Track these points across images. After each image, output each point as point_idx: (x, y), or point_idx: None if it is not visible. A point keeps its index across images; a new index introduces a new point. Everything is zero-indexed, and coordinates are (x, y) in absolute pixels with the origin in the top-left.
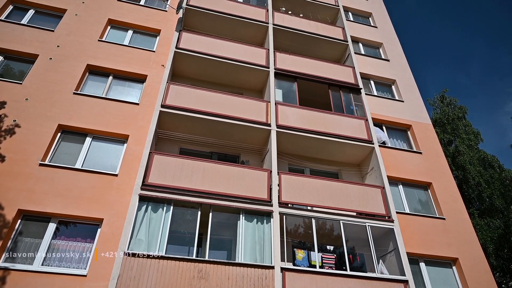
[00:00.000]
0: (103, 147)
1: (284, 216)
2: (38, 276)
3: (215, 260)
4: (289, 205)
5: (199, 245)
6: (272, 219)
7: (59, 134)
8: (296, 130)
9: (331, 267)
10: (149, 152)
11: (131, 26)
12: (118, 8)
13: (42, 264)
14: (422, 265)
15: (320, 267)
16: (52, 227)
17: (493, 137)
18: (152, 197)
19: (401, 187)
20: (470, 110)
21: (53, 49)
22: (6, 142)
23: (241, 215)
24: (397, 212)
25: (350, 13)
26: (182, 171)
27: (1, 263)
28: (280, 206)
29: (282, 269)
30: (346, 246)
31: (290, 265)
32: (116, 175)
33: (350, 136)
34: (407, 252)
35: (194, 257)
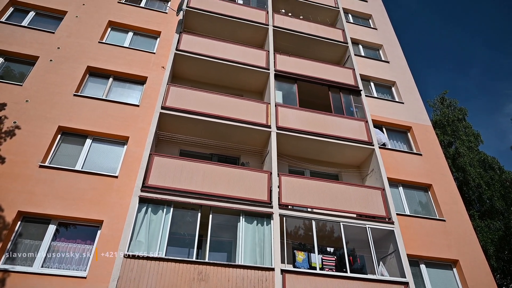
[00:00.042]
0: (103, 149)
1: (284, 218)
2: (38, 278)
3: (215, 262)
4: (289, 207)
5: (199, 247)
6: (272, 221)
7: (59, 136)
8: (296, 132)
9: (331, 269)
10: (149, 154)
11: (132, 28)
12: (119, 10)
13: (42, 266)
14: (423, 267)
15: (320, 269)
16: (52, 229)
17: (493, 139)
18: (152, 199)
19: (401, 189)
20: (470, 112)
21: (54, 51)
22: (6, 144)
23: (241, 217)
24: (397, 214)
25: (350, 15)
26: (182, 173)
27: (1, 265)
28: (280, 208)
29: (282, 271)
30: (347, 248)
31: (290, 267)
32: (116, 177)
33: (350, 138)
34: (408, 254)
35: (194, 259)
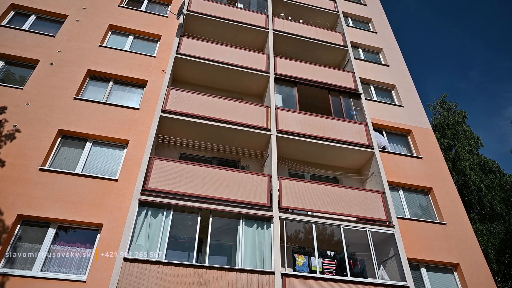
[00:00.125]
0: (103, 152)
1: (284, 222)
2: (37, 282)
3: (215, 266)
4: (289, 210)
5: (199, 251)
6: (272, 225)
7: (59, 139)
8: (297, 135)
9: (332, 273)
10: (149, 157)
11: (132, 32)
12: (119, 14)
13: (41, 270)
14: (423, 271)
15: (321, 273)
16: (52, 233)
17: (493, 142)
18: (152, 202)
19: (402, 192)
20: (470, 115)
21: (54, 55)
22: (6, 147)
23: (241, 221)
24: (398, 217)
25: (350, 19)
26: (182, 176)
27: (0, 269)
28: (280, 211)
29: (282, 275)
30: (347, 252)
31: (291, 271)
32: (116, 180)
33: (350, 141)
34: (408, 258)
35: (194, 263)
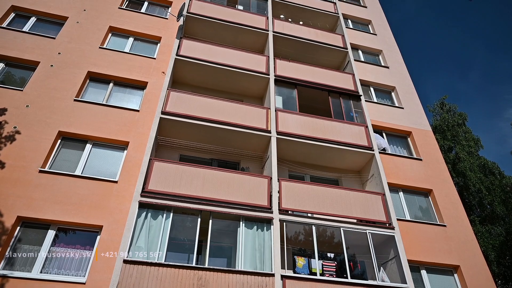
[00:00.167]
0: (103, 154)
1: (284, 223)
2: (37, 284)
3: (215, 268)
4: (289, 212)
5: (199, 252)
6: (272, 226)
7: (59, 141)
8: (296, 137)
9: (332, 275)
10: (149, 159)
11: (132, 34)
12: (119, 16)
13: (41, 272)
14: (424, 273)
15: (321, 275)
16: (51, 234)
17: (493, 144)
18: (152, 204)
19: (402, 194)
20: (470, 116)
21: (54, 56)
22: (6, 149)
23: (241, 222)
24: (398, 219)
25: (350, 21)
26: (182, 178)
27: (0, 270)
28: (280, 213)
29: (283, 277)
30: (347, 254)
31: (291, 273)
32: (116, 182)
33: (350, 143)
34: (408, 260)
35: (194, 265)
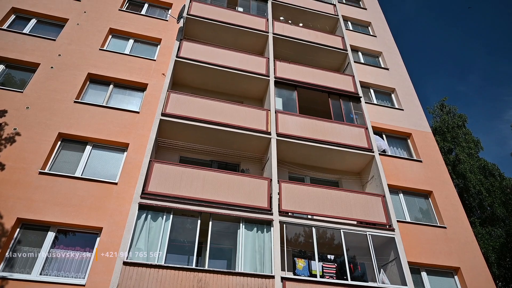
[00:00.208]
0: (103, 156)
1: (284, 225)
2: (36, 286)
3: (215, 270)
4: (289, 214)
5: (199, 254)
6: (272, 228)
7: (59, 143)
8: (296, 139)
9: (332, 277)
10: (149, 161)
11: (132, 35)
12: (119, 18)
13: (41, 274)
14: (424, 275)
15: (321, 277)
16: (51, 236)
17: (493, 145)
18: (152, 206)
19: (402, 196)
20: (470, 118)
21: (55, 58)
22: (6, 151)
23: (241, 224)
24: (398, 221)
25: (350, 23)
26: (182, 180)
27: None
28: (280, 215)
29: (283, 279)
30: (347, 255)
31: (291, 275)
32: (116, 184)
33: (350, 145)
34: (408, 261)
35: (194, 266)
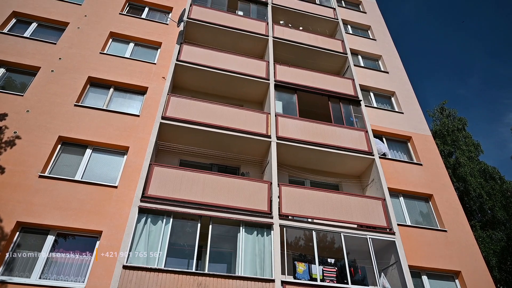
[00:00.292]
0: (103, 159)
1: (285, 229)
2: None
3: (215, 273)
4: (290, 217)
5: (199, 258)
6: (273, 232)
7: (59, 146)
8: (297, 142)
9: (332, 281)
10: (149, 164)
11: (133, 39)
12: (120, 21)
13: (40, 277)
14: (425, 278)
15: (321, 280)
16: (51, 240)
17: (493, 149)
18: (152, 209)
19: (402, 199)
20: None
21: (55, 62)
22: (6, 154)
23: (241, 228)
24: (398, 224)
25: (349, 26)
26: (182, 183)
27: None
28: (281, 218)
29: (283, 283)
30: (347, 259)
31: (291, 278)
32: (116, 187)
33: (351, 148)
34: (409, 265)
35: (194, 270)
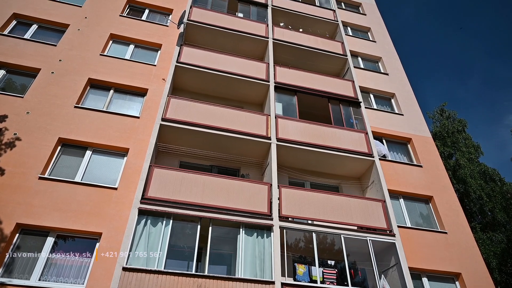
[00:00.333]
0: (103, 161)
1: (285, 230)
2: None
3: (215, 275)
4: (290, 219)
5: (199, 260)
6: (273, 233)
7: (59, 148)
8: (296, 144)
9: (332, 283)
10: (149, 166)
11: (133, 41)
12: (120, 23)
13: (40, 279)
14: (425, 280)
15: (321, 282)
16: (50, 241)
17: (493, 150)
18: (152, 211)
19: (402, 201)
20: (470, 123)
21: (55, 63)
22: (6, 155)
23: (241, 229)
24: (399, 226)
25: (349, 28)
26: (182, 185)
27: None
28: (281, 220)
29: (283, 285)
30: (347, 261)
31: (291, 280)
32: (116, 189)
33: (351, 150)
34: (409, 267)
35: (194, 272)
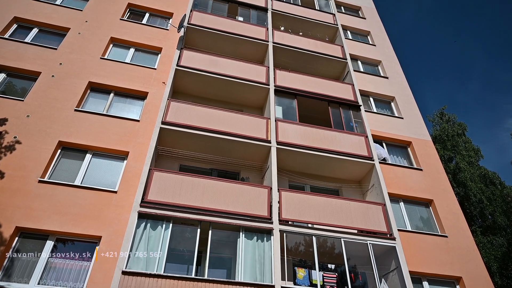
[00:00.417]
0: (103, 164)
1: (285, 234)
2: None
3: (215, 279)
4: (290, 223)
5: (198, 263)
6: (273, 237)
7: (59, 151)
8: (296, 147)
9: (333, 286)
10: (149, 169)
11: (133, 44)
12: (121, 27)
13: (39, 283)
14: (425, 284)
15: (322, 286)
16: (50, 245)
17: (493, 154)
18: (151, 214)
19: (402, 204)
20: (470, 127)
21: (56, 67)
22: (6, 159)
23: (241, 233)
24: (399, 230)
25: (349, 32)
26: (182, 188)
27: None
28: (281, 224)
29: None
30: (348, 265)
31: (291, 284)
32: (116, 192)
33: (350, 153)
34: (410, 271)
35: (193, 276)
